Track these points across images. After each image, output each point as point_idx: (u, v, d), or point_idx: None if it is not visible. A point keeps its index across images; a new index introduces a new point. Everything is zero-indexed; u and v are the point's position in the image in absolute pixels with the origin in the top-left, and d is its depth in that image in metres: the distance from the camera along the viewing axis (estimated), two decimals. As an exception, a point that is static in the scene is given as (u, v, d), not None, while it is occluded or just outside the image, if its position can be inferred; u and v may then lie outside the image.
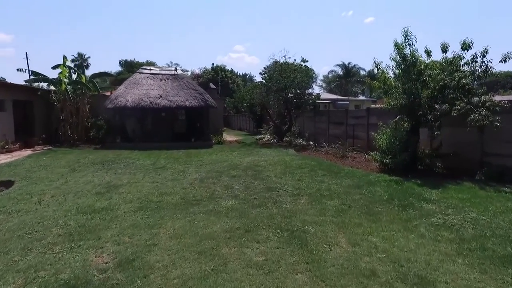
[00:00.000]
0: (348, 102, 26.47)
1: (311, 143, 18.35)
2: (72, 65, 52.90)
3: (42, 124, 18.80)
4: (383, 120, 11.38)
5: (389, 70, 10.22)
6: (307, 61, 19.19)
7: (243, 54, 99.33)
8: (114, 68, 59.88)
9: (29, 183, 9.05)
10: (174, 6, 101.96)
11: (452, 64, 9.22)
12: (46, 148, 17.27)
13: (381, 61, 10.36)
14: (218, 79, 42.36)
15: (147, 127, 19.11)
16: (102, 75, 19.68)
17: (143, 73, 19.49)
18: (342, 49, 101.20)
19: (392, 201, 6.84)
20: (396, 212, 6.13)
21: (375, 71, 11.50)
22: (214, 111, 21.31)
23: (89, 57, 56.87)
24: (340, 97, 33.91)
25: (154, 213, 6.34)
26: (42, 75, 17.90)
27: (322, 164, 11.56)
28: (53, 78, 18.40)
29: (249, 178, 9.43)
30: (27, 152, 15.80)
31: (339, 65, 52.20)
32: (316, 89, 57.92)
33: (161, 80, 19.16)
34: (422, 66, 9.42)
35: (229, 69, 49.00)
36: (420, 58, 9.52)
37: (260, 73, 19.70)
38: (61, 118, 18.56)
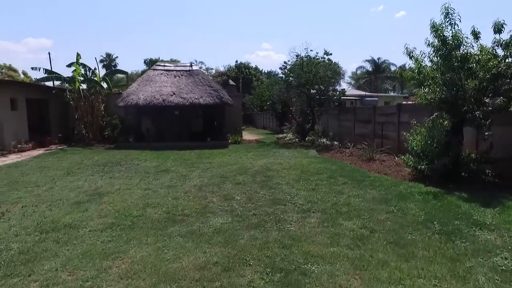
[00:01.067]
0: (377, 99, 24.19)
1: (335, 143, 16.55)
2: (100, 65, 54.27)
3: (59, 123, 18.28)
4: (416, 117, 9.48)
5: (424, 57, 8.33)
6: (330, 54, 17.39)
7: (270, 52, 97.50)
8: (140, 67, 60.20)
9: (11, 189, 8.06)
10: (201, 5, 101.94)
11: (509, 47, 7.22)
12: (59, 147, 16.69)
13: (414, 48, 8.49)
14: (239, 76, 41.09)
15: (161, 126, 18.08)
16: (116, 72, 18.87)
17: (157, 69, 18.49)
18: (371, 45, 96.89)
19: (430, 224, 5.09)
20: (438, 244, 4.41)
21: (408, 60, 9.58)
22: (233, 109, 19.98)
23: (116, 57, 57.48)
24: (368, 93, 31.28)
25: (122, 234, 5.01)
26: (56, 73, 17.33)
27: (344, 169, 9.85)
28: (67, 76, 17.79)
29: (256, 186, 7.95)
30: (38, 151, 15.22)
31: (368, 61, 49.31)
32: (344, 86, 55.32)
33: (175, 76, 18.07)
34: (469, 51, 7.50)
35: (253, 66, 47.62)
36: (465, 40, 7.58)
37: (280, 68, 18.13)
38: (76, 117, 17.95)
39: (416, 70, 8.29)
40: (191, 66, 18.69)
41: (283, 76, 18.07)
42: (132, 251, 4.38)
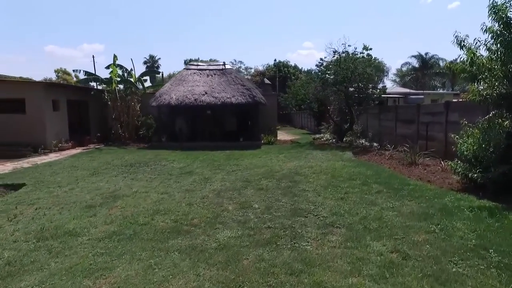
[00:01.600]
0: (422, 96, 22.09)
1: (375, 144, 15.25)
2: (144, 66, 56.19)
3: (98, 123, 18.78)
4: (468, 117, 8.12)
5: (479, 46, 7.03)
6: (370, 49, 16.02)
7: (312, 51, 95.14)
8: (180, 68, 61.43)
9: (34, 189, 8.05)
10: (241, 5, 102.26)
11: None
12: (97, 147, 17.10)
13: (466, 35, 7.20)
14: (276, 75, 40.22)
15: (193, 125, 17.89)
16: (150, 73, 18.99)
17: (190, 69, 18.32)
18: (418, 39, 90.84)
19: (484, 253, 4.01)
20: (495, 283, 3.37)
21: (459, 53, 8.22)
22: (267, 108, 19.29)
23: (159, 58, 59.06)
24: (412, 90, 28.82)
25: (118, 246, 4.53)
26: (94, 75, 17.81)
27: (380, 174, 8.75)
28: (105, 78, 18.21)
29: (279, 193, 7.20)
30: (77, 151, 15.65)
31: (414, 56, 45.95)
32: (387, 84, 52.40)
33: (207, 75, 17.76)
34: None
35: (292, 65, 46.42)
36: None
37: (317, 65, 17.11)
38: (113, 117, 18.32)
39: (467, 61, 7.02)
40: (224, 65, 18.30)
41: (319, 73, 17.03)
42: (119, 269, 3.85)
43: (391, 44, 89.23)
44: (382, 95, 17.98)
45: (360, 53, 16.08)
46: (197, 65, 18.50)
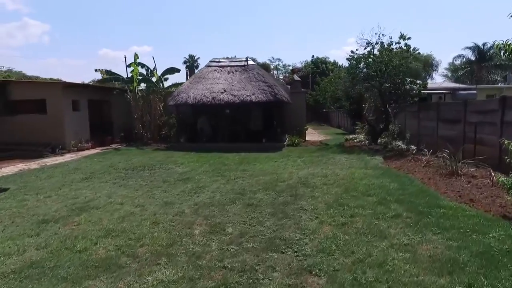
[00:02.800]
0: (475, 92, 18.87)
1: (412, 147, 13.03)
2: (183, 66, 56.62)
3: (122, 123, 18.46)
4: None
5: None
6: (408, 38, 13.67)
7: (357, 46, 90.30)
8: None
9: (10, 195, 7.40)
10: (282, 2, 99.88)
11: None
12: (118, 147, 16.75)
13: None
14: (309, 71, 38.01)
15: (213, 125, 16.84)
16: (171, 71, 18.27)
17: (211, 66, 17.27)
18: (473, 30, 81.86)
19: None
20: None
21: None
22: (293, 106, 17.73)
23: (198, 58, 58.97)
24: (462, 85, 25.01)
25: (15, 289, 3.44)
26: (116, 74, 17.44)
27: (406, 189, 6.90)
28: (127, 77, 17.80)
29: (268, 212, 5.77)
30: (95, 151, 15.33)
31: (469, 48, 40.88)
32: (438, 79, 47.73)
33: (228, 72, 16.58)
34: None
35: (331, 61, 43.72)
36: None
37: (347, 59, 15.12)
38: (135, 116, 17.90)
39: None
40: (246, 61, 16.99)
41: (350, 67, 15.05)
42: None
43: (442, 35, 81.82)
44: (424, 91, 15.50)
45: (396, 43, 13.86)
46: (219, 61, 17.39)
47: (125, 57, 43.32)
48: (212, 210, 6.01)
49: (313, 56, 45.22)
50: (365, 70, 14.39)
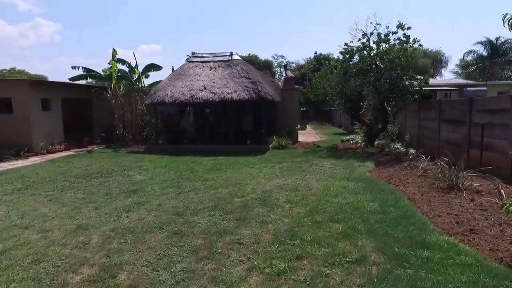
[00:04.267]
0: (485, 88, 16.74)
1: (411, 151, 11.33)
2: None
3: (103, 123, 17.15)
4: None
5: None
6: (408, 28, 11.89)
7: (353, 38, 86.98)
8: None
9: None
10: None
11: None
12: (95, 148, 15.51)
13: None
14: (310, 69, 36.15)
15: (194, 126, 15.42)
16: (151, 68, 16.83)
17: (193, 61, 15.82)
18: (485, 24, 78.07)
19: None
20: None
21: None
22: (284, 105, 16.16)
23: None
24: (470, 81, 22.66)
25: None
26: (93, 71, 16.08)
27: (387, 212, 5.29)
28: (105, 74, 16.49)
29: (192, 245, 4.36)
30: (67, 153, 14.12)
31: (481, 43, 38.22)
32: (447, 76, 45.35)
33: (210, 68, 15.11)
34: None
35: (336, 58, 41.47)
36: None
37: (341, 52, 13.45)
38: (116, 116, 16.61)
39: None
40: (231, 55, 15.46)
41: (342, 61, 13.37)
42: None
43: (452, 30, 78.41)
44: (427, 88, 13.72)
45: (393, 33, 12.11)
46: (202, 56, 15.90)
47: (134, 54, 41.99)
48: (125, 240, 4.57)
49: (316, 53, 43.26)
50: (358, 64, 12.71)
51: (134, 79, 16.70)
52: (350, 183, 7.36)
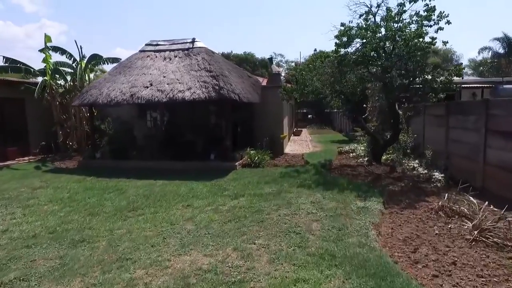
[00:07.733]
0: None
1: (436, 175, 7.36)
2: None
3: (43, 129, 13.34)
4: None
5: None
6: (430, -4, 7.92)
7: (352, 18, 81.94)
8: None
9: None
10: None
11: None
12: (25, 161, 11.81)
13: None
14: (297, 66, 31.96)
15: (147, 134, 11.54)
16: (94, 58, 12.93)
17: (145, 50, 11.91)
18: (500, 21, 72.47)
19: None
20: None
21: None
22: (265, 107, 12.28)
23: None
24: (506, 78, 17.78)
25: None
26: (20, 62, 12.18)
27: None
28: (40, 69, 12.66)
29: None
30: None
31: (497, 39, 33.82)
32: (455, 77, 40.79)
33: (164, 59, 11.22)
34: None
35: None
36: None
37: (336, 36, 9.50)
38: (54, 120, 12.83)
39: None
40: (192, 43, 11.52)
41: (337, 47, 9.38)
42: None
43: (464, 29, 73.32)
44: (451, 84, 9.49)
45: (411, 1, 8.08)
46: (156, 44, 12.00)
47: (76, 42, 37.76)
48: None
49: (315, 50, 39.03)
50: (360, 49, 8.69)
51: (70, 74, 12.85)
52: (338, 272, 3.37)
